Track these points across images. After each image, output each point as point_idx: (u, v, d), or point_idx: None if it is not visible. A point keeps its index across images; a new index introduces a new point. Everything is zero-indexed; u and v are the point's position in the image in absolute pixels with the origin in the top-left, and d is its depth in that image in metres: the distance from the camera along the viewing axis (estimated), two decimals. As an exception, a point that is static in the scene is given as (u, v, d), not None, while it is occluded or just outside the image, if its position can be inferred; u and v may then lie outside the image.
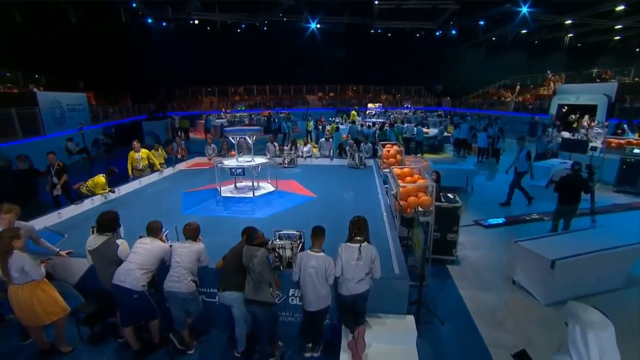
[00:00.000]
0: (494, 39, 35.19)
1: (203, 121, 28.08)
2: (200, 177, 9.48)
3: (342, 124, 21.90)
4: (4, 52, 21.12)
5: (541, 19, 28.35)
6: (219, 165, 7.21)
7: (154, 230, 3.94)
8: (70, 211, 6.64)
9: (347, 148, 11.13)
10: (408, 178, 5.74)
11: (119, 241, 3.84)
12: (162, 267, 3.88)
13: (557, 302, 4.71)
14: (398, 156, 8.43)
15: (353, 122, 20.72)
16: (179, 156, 11.48)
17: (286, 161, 10.47)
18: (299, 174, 9.77)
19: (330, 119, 23.75)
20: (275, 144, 11.26)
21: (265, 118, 26.21)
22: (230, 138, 7.92)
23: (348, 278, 3.54)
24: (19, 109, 13.68)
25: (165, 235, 4.50)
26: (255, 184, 7.74)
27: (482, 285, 5.38)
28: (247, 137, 7.42)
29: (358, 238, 3.56)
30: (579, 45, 33.01)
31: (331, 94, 37.51)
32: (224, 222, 6.11)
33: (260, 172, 7.93)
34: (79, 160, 16.58)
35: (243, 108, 30.71)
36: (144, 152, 8.97)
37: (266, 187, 7.99)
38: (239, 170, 7.02)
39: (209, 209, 6.78)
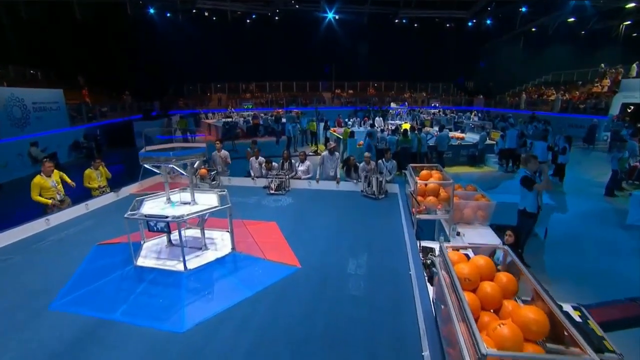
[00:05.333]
0: (533, 29, 31.06)
1: (208, 120, 25.55)
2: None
3: (358, 125, 18.67)
4: (8, 48, 20.06)
5: (594, 5, 24.38)
6: (127, 214, 4.06)
7: None
8: None
9: (361, 166, 7.78)
10: (483, 282, 2.39)
11: None
12: None
13: None
14: (442, 192, 5.00)
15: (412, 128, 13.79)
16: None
17: (273, 186, 7.32)
18: (287, 208, 6.50)
19: (346, 120, 20.30)
20: (262, 158, 8.08)
21: (274, 118, 23.23)
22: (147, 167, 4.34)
23: None
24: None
25: None
26: (198, 235, 4.66)
27: None
28: (175, 167, 4.23)
29: None
30: (634, 35, 28.52)
31: (350, 92, 34.16)
32: (103, 339, 3.06)
33: (210, 215, 4.73)
34: (47, 169, 14.13)
35: (250, 106, 27.90)
36: (56, 174, 6.12)
37: (218, 243, 4.71)
38: (161, 225, 3.90)
39: (97, 299, 3.59)
